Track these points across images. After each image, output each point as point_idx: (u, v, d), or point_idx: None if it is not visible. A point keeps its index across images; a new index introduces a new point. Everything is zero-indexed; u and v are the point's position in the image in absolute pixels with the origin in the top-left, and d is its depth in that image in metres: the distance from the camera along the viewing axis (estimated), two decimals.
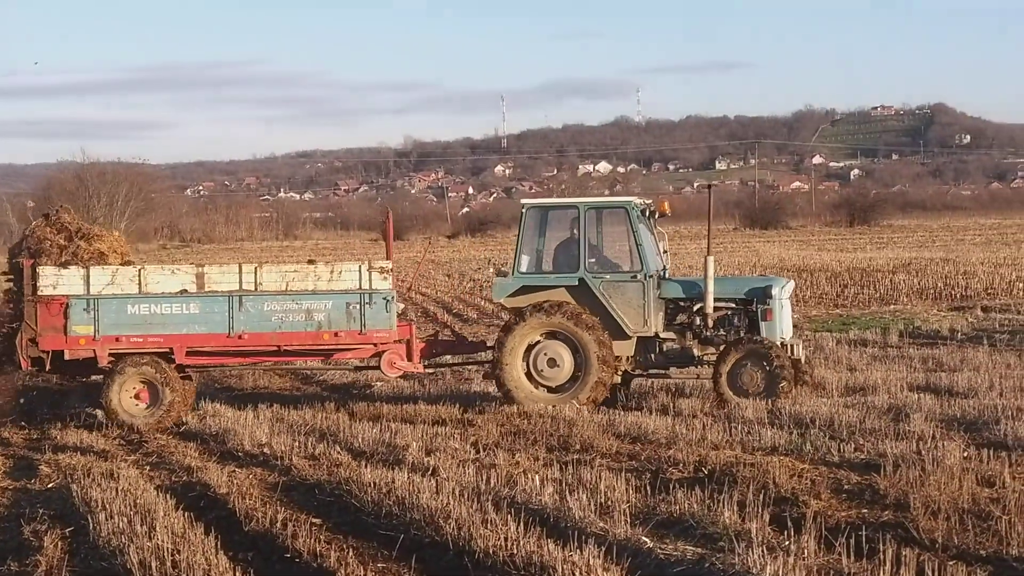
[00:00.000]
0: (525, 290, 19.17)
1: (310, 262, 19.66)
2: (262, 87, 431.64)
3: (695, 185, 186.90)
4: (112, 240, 20.33)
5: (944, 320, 31.04)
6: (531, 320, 18.85)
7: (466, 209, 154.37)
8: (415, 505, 11.08)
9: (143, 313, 18.83)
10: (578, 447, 14.63)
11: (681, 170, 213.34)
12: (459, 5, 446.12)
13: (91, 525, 11.13)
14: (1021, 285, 39.05)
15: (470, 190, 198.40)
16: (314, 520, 11.24)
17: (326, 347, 19.15)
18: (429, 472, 13.02)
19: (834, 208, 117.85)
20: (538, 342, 18.89)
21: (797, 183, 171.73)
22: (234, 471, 14.08)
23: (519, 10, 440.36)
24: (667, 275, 19.63)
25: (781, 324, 18.84)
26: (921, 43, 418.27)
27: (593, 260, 19.14)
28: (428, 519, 10.61)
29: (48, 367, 19.20)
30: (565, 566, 8.79)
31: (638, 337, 18.97)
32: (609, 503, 10.93)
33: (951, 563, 8.45)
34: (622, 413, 17.16)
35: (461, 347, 21.02)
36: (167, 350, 18.94)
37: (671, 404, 18.02)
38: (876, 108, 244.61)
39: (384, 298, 18.84)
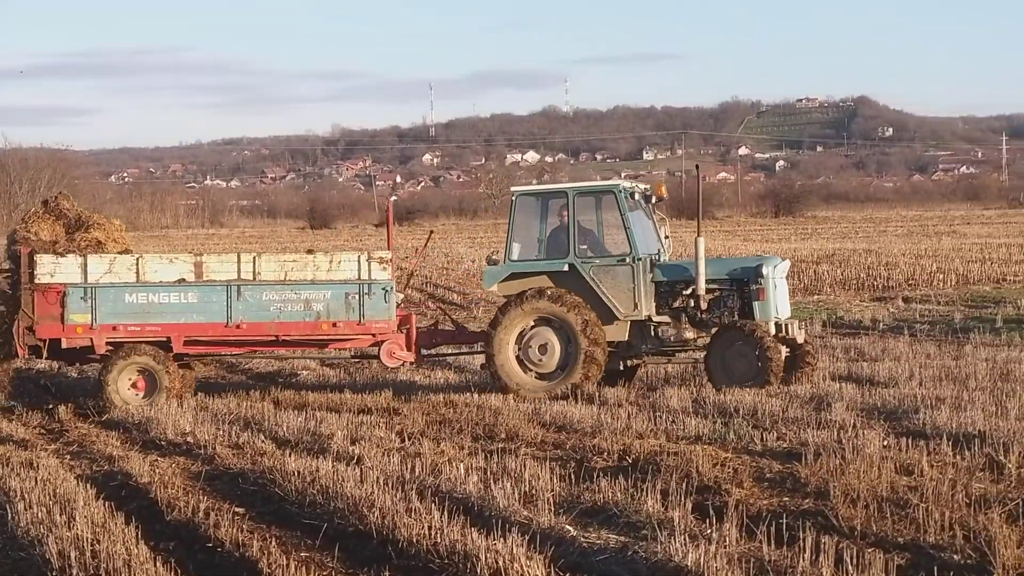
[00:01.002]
0: (516, 278, 19.07)
1: (309, 252, 19.63)
2: (189, 74, 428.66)
3: (622, 175, 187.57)
4: (111, 228, 20.17)
5: (866, 310, 31.40)
6: (519, 307, 18.75)
7: (394, 198, 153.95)
8: (339, 494, 11.05)
9: (141, 302, 18.78)
10: (503, 436, 14.65)
11: (609, 160, 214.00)
12: None
13: (9, 515, 11.00)
14: (942, 276, 39.56)
15: (398, 179, 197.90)
16: (237, 509, 11.17)
17: (324, 337, 19.11)
18: (354, 461, 12.98)
19: (759, 199, 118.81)
20: (529, 329, 18.78)
21: (723, 174, 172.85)
22: (156, 460, 13.98)
23: None
24: (662, 259, 19.41)
25: (775, 304, 18.61)
26: (845, 36, 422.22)
27: (585, 246, 19.01)
28: (352, 508, 10.58)
29: (45, 355, 19.15)
30: (488, 555, 8.80)
31: (632, 322, 18.79)
32: (533, 492, 10.95)
33: (869, 550, 8.54)
34: (548, 402, 17.19)
35: (461, 337, 20.76)
36: (165, 339, 18.85)
37: (597, 393, 18.07)
38: (801, 100, 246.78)
39: (383, 288, 18.81)
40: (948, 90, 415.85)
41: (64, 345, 18.87)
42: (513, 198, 19.51)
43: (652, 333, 19.00)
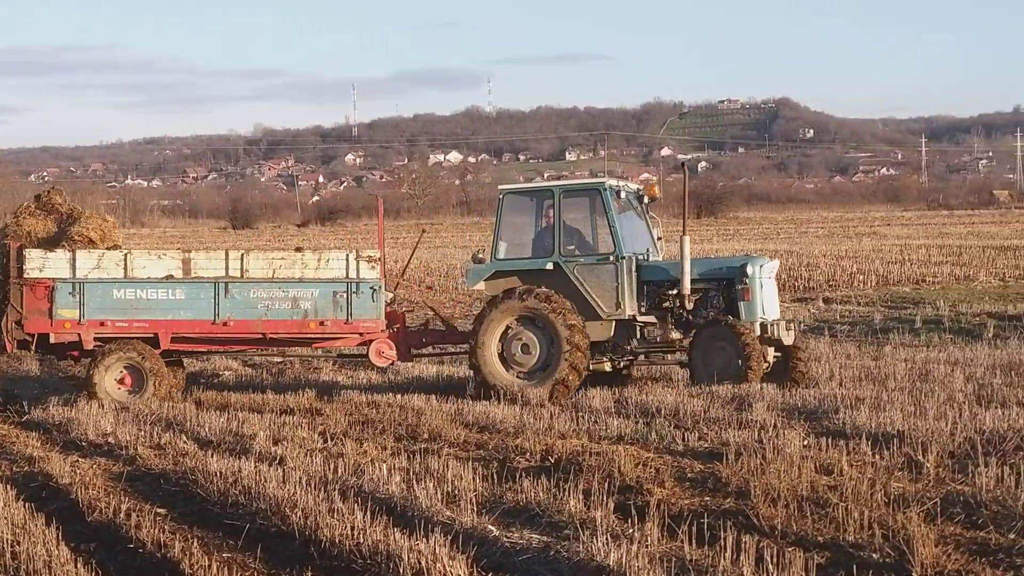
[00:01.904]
0: (501, 276, 18.95)
1: (297, 250, 19.54)
2: (111, 72, 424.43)
3: (545, 175, 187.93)
4: (103, 224, 19.99)
5: (787, 311, 31.63)
6: (502, 306, 18.61)
7: (316, 198, 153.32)
8: (261, 494, 10.99)
9: (128, 298, 18.75)
10: (426, 436, 14.63)
11: (531, 160, 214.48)
12: None
13: None
14: (862, 277, 40.01)
15: (320, 179, 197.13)
16: (159, 510, 11.08)
17: (311, 335, 19.07)
18: (276, 461, 12.91)
19: (682, 200, 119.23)
20: (512, 328, 18.61)
21: (646, 175, 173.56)
22: (77, 461, 13.83)
23: None
24: (650, 259, 19.19)
25: (762, 304, 18.43)
26: (767, 39, 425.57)
27: (572, 245, 18.89)
28: (274, 508, 10.53)
29: (33, 350, 19.20)
30: (411, 555, 8.79)
31: (617, 322, 18.63)
32: (456, 492, 10.95)
33: (790, 549, 8.62)
34: (470, 402, 17.19)
35: (451, 336, 20.58)
36: (152, 335, 18.77)
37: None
38: (723, 102, 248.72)
39: (371, 287, 18.75)
40: (868, 92, 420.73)
41: (52, 340, 18.90)
42: (500, 196, 19.33)
43: (638, 334, 18.84)
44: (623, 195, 19.21)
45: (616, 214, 18.77)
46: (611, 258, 18.64)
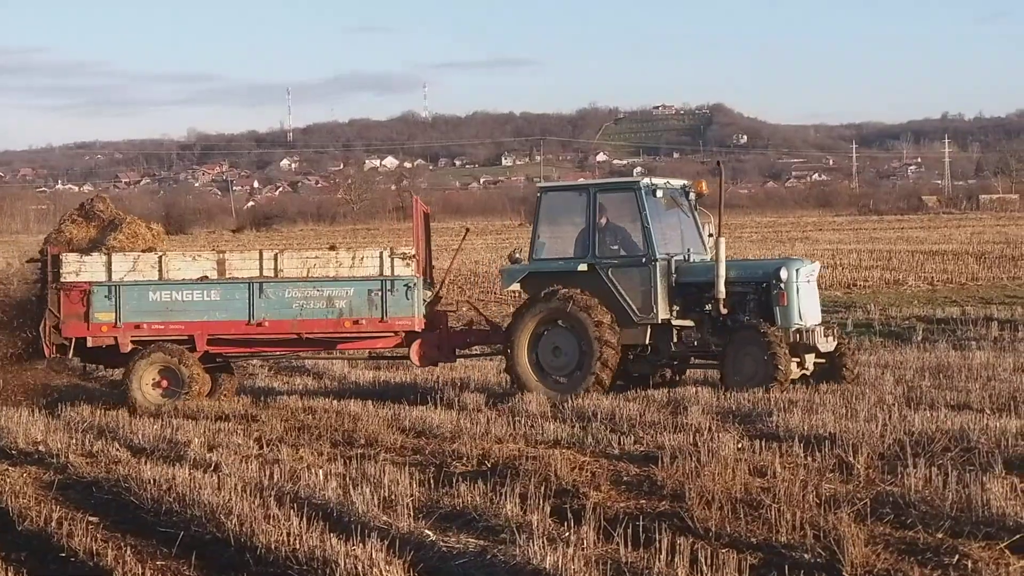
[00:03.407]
0: (537, 277, 18.61)
1: (331, 248, 19.47)
2: (41, 76, 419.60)
3: (481, 181, 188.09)
4: (147, 231, 19.92)
5: None
6: (533, 308, 18.38)
7: (251, 203, 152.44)
8: (196, 502, 10.95)
9: (164, 300, 18.73)
10: (363, 442, 14.62)
11: (468, 166, 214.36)
12: None
13: None
14: None
15: (255, 184, 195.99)
16: (91, 519, 11.01)
17: (346, 335, 18.95)
18: (211, 468, 12.86)
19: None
20: (545, 330, 18.38)
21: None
22: (7, 470, 13.70)
23: (308, 2, 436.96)
24: (692, 260, 18.39)
25: (799, 309, 17.75)
26: (701, 45, 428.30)
27: (616, 245, 18.51)
28: (209, 515, 10.49)
29: (71, 354, 19.18)
30: (347, 560, 8.79)
31: (653, 326, 18.11)
32: (393, 497, 10.95)
33: (723, 550, 8.69)
34: (407, 407, 17.18)
35: (496, 336, 20.00)
36: (188, 337, 18.73)
37: (456, 398, 18.11)
38: (658, 107, 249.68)
39: (406, 285, 18.59)
40: (800, 99, 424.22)
41: (89, 343, 18.89)
42: (539, 195, 19.10)
43: (675, 337, 18.26)
44: (659, 194, 18.60)
45: (652, 213, 18.28)
46: (643, 260, 18.17)
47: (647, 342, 18.28)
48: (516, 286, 19.31)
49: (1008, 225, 78.28)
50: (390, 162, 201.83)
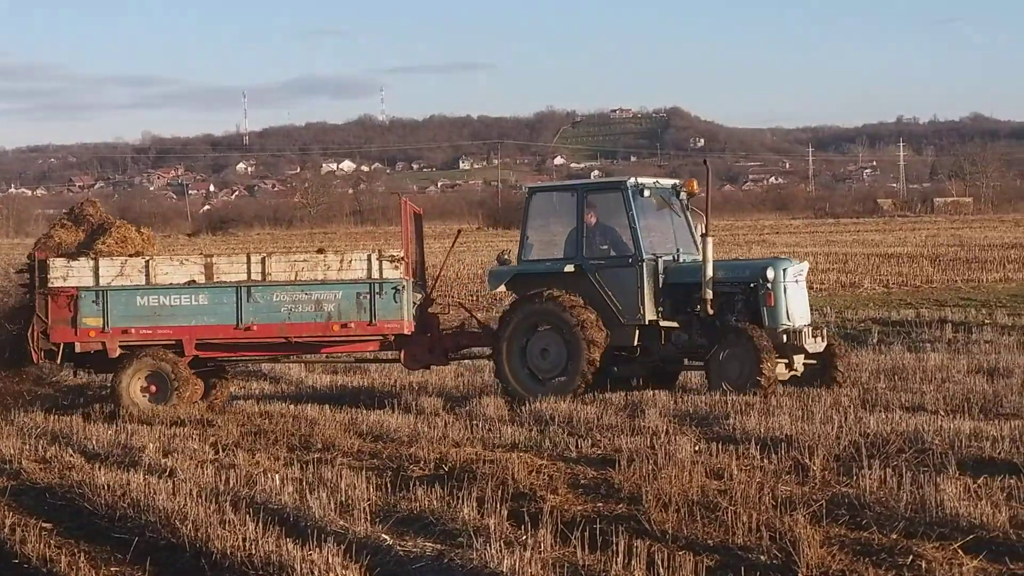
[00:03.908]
0: (525, 278, 18.47)
1: (319, 251, 19.30)
2: None
3: (439, 184, 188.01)
4: (132, 235, 19.74)
5: None
6: (522, 309, 18.26)
7: (208, 207, 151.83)
8: (151, 507, 10.88)
9: (152, 305, 18.56)
10: (320, 446, 14.57)
11: (425, 169, 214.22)
12: None
13: None
14: None
15: (211, 187, 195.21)
16: (44, 525, 10.93)
17: (335, 338, 18.83)
18: (166, 474, 12.79)
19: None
20: (532, 331, 18.20)
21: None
22: None
23: (263, 6, 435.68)
24: (683, 260, 18.43)
25: (787, 309, 17.57)
26: (657, 49, 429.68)
27: (607, 246, 18.38)
28: (164, 521, 10.43)
29: (60, 359, 18.98)
30: (304, 565, 8.76)
31: (642, 327, 17.98)
32: (350, 502, 10.92)
33: (680, 553, 8.71)
34: (365, 411, 17.15)
35: (488, 339, 19.62)
36: (176, 342, 18.57)
37: (414, 402, 18.09)
38: (615, 111, 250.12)
39: (394, 288, 18.44)
40: (757, 102, 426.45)
41: (77, 349, 18.72)
42: (528, 196, 19.00)
43: (664, 338, 18.09)
44: (647, 193, 18.50)
45: (640, 213, 18.20)
46: (631, 260, 18.05)
47: (635, 344, 18.17)
48: (503, 288, 19.23)
49: (962, 228, 78.92)
50: (347, 166, 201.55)
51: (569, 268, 18.28)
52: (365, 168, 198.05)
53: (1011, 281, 41.37)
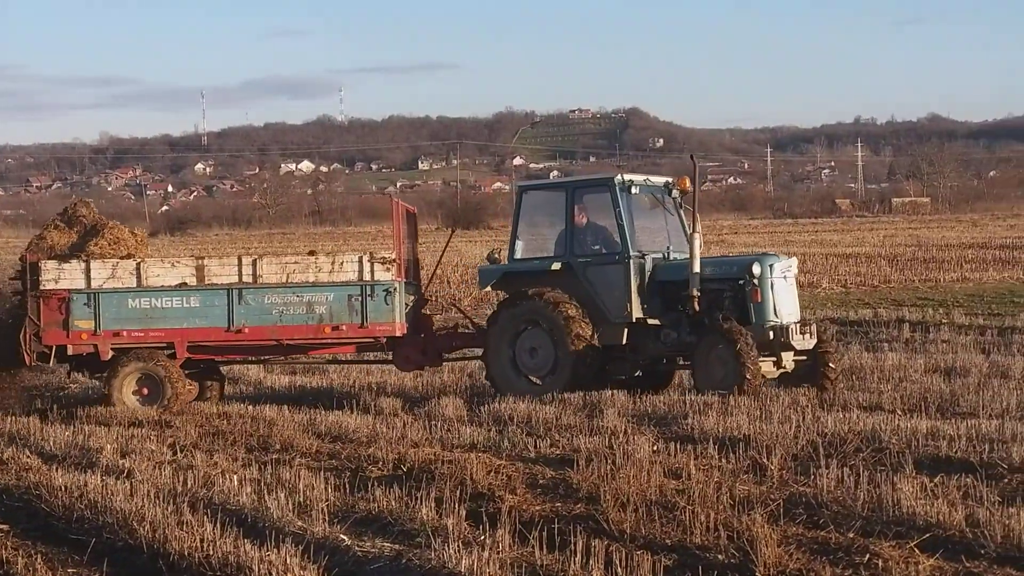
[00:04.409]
0: (515, 277, 18.42)
1: (311, 253, 19.27)
2: None
3: (398, 185, 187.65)
4: (129, 237, 19.61)
5: None
6: (511, 308, 18.20)
7: (166, 207, 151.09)
8: (108, 508, 10.83)
9: (144, 307, 18.50)
10: (278, 447, 14.53)
11: (384, 170, 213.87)
12: None
13: None
14: None
15: (169, 188, 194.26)
16: (1, 526, 10.86)
17: (327, 340, 18.81)
18: (124, 475, 12.71)
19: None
20: (521, 330, 18.15)
21: (499, 184, 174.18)
22: None
23: (220, 5, 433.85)
24: (672, 257, 18.32)
25: (774, 306, 17.43)
26: (616, 49, 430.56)
27: (597, 245, 18.30)
28: (122, 522, 10.38)
29: (52, 362, 19.02)
30: (262, 566, 8.74)
31: (630, 325, 17.83)
32: (308, 502, 10.90)
33: (638, 552, 8.73)
34: (323, 412, 17.11)
35: (481, 340, 19.49)
36: (168, 344, 18.52)
37: (373, 403, 18.06)
38: (574, 111, 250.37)
39: (385, 290, 18.40)
40: (716, 103, 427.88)
41: (70, 351, 18.69)
42: (519, 194, 18.92)
43: (653, 336, 17.97)
44: (635, 190, 18.40)
45: (629, 211, 18.12)
46: (619, 257, 17.95)
47: (624, 342, 18.08)
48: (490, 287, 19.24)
49: (920, 228, 79.40)
50: (306, 166, 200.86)
51: (556, 266, 18.29)
52: (324, 168, 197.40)
53: (968, 281, 41.70)
